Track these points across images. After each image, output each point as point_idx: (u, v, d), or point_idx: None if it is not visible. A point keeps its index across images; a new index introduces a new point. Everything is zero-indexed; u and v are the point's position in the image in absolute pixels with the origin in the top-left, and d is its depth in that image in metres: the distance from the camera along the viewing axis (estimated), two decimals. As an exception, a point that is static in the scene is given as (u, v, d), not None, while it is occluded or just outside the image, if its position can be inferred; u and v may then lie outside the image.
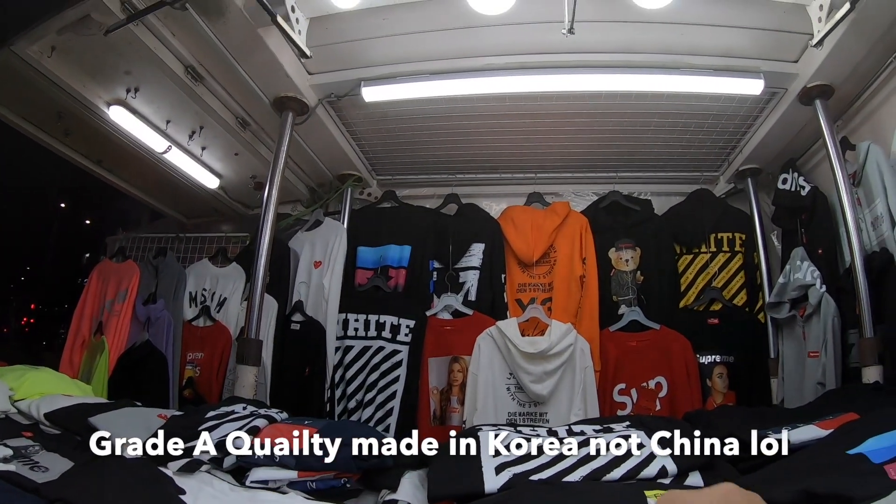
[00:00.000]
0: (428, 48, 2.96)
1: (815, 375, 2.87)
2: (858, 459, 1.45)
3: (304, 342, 3.58)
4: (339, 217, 4.07)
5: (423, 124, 3.53)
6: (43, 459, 1.76)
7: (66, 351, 3.92)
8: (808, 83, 2.84)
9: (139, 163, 3.91)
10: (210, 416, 2.09)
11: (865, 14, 2.34)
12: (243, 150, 3.83)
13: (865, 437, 1.52)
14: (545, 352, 3.17)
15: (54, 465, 1.72)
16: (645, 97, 3.14)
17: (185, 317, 3.91)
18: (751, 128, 3.44)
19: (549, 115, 3.37)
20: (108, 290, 4.01)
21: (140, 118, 3.49)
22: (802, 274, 3.04)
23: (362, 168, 4.06)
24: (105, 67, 3.15)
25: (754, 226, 3.67)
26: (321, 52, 2.88)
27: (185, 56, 2.98)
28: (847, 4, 2.24)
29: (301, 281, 3.82)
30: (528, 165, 4.01)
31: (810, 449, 1.65)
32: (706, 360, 3.42)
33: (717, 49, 2.88)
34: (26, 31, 2.83)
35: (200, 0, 2.53)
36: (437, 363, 3.52)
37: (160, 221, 5.03)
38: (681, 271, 3.75)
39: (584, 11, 2.34)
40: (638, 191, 4.01)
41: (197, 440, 1.89)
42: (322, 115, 3.37)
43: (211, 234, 4.64)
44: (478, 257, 3.76)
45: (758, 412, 2.40)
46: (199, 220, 4.88)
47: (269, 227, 3.05)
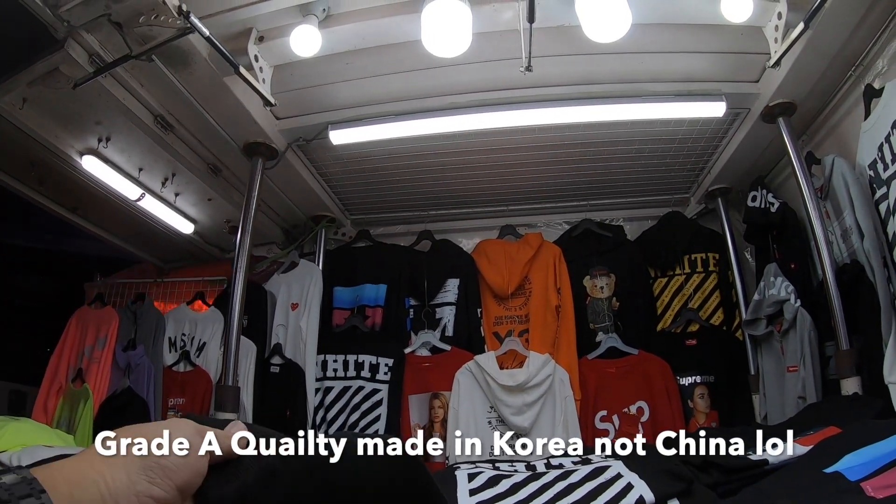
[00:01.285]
0: (392, 89, 2.99)
1: (795, 390, 2.87)
2: (835, 478, 1.44)
3: (284, 385, 3.56)
4: (314, 258, 4.08)
5: (392, 164, 3.56)
6: None
7: (40, 397, 3.86)
8: (769, 102, 2.87)
9: (114, 210, 3.91)
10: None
11: (821, 32, 2.37)
12: (216, 195, 3.85)
13: (843, 454, 1.51)
14: (524, 384, 3.18)
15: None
16: (608, 126, 3.17)
17: (166, 362, 3.88)
18: (717, 148, 3.47)
19: (516, 148, 3.40)
20: (87, 336, 3.99)
21: (112, 167, 3.50)
22: (777, 290, 3.05)
23: (335, 209, 4.08)
24: (76, 118, 3.17)
25: (727, 244, 3.68)
26: (287, 98, 2.92)
27: (153, 106, 3.01)
28: (801, 24, 2.27)
29: (279, 323, 3.81)
30: (499, 198, 4.04)
31: (788, 469, 1.64)
32: (686, 381, 3.43)
33: (677, 75, 2.92)
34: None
35: (166, 52, 2.55)
36: (417, 400, 3.51)
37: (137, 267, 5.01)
38: (656, 294, 3.77)
39: (541, 47, 2.37)
40: (610, 217, 4.04)
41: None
42: (292, 158, 3.39)
43: (188, 278, 4.63)
44: (453, 293, 3.78)
45: (738, 432, 2.39)
46: (176, 265, 4.87)
47: (242, 271, 3.05)
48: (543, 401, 3.21)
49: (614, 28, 2.29)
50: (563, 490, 1.71)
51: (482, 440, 3.23)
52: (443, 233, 4.13)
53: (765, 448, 1.75)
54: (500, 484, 1.79)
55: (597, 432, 3.31)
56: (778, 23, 2.45)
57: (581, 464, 1.93)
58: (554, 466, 1.95)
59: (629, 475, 1.72)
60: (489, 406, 3.28)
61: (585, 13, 2.29)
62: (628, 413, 3.32)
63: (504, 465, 2.05)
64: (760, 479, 1.62)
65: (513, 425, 3.19)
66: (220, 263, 4.66)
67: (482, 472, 1.90)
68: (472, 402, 3.29)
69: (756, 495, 1.52)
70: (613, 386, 3.38)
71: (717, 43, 2.73)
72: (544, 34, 2.38)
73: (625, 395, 3.36)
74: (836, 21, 2.37)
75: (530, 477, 1.82)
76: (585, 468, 1.83)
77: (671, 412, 3.31)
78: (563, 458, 2.12)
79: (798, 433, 1.84)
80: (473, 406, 3.29)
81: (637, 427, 3.30)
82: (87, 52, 2.59)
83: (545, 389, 3.21)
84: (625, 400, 3.35)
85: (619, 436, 3.28)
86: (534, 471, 1.91)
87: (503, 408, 3.19)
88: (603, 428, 3.33)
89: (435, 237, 4.07)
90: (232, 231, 4.26)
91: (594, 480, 1.72)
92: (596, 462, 1.91)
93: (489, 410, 3.28)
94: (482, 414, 3.29)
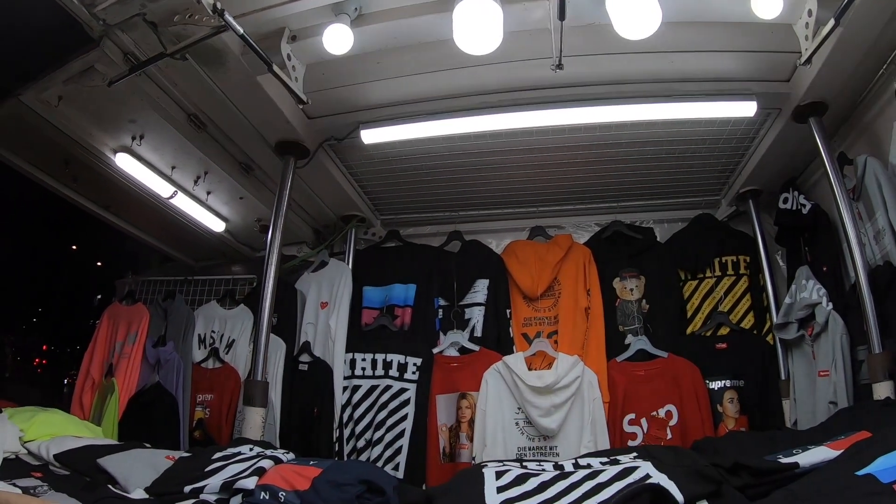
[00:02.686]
0: (423, 89, 3.01)
1: (826, 395, 2.82)
2: (867, 480, 1.42)
3: (313, 382, 3.58)
4: (343, 258, 4.11)
5: (423, 163, 3.58)
6: (51, 499, 1.78)
7: (76, 392, 3.97)
8: (800, 101, 2.83)
9: (146, 208, 3.98)
10: (217, 458, 2.12)
11: (851, 29, 2.33)
12: (248, 193, 3.89)
13: (875, 457, 1.49)
14: (553, 385, 3.16)
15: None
16: (639, 126, 3.17)
17: (195, 359, 3.94)
18: (748, 150, 3.44)
19: (546, 148, 3.40)
20: (119, 332, 4.06)
21: (146, 164, 3.57)
22: (808, 293, 3.01)
23: (365, 208, 4.11)
24: (110, 116, 3.24)
25: (758, 247, 3.63)
26: (319, 97, 2.94)
27: (187, 104, 3.07)
28: (832, 21, 2.22)
29: (308, 322, 3.84)
30: (529, 199, 4.04)
31: (819, 472, 1.62)
32: (716, 385, 3.37)
33: (707, 74, 2.90)
34: (34, 82, 2.92)
35: (200, 50, 2.58)
36: (445, 400, 3.51)
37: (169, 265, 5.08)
38: (686, 297, 3.73)
39: (571, 46, 2.37)
40: (640, 219, 4.03)
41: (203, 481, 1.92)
42: (323, 157, 3.42)
43: (218, 276, 4.68)
44: (482, 293, 3.77)
45: (768, 436, 2.35)
46: (206, 263, 4.93)
47: (273, 269, 3.08)
48: (572, 403, 3.19)
49: (645, 25, 2.26)
50: (592, 489, 1.70)
51: (509, 441, 3.22)
52: (472, 233, 4.14)
53: (795, 451, 1.74)
54: (527, 482, 1.79)
55: (625, 435, 3.27)
56: (808, 20, 2.41)
57: (609, 464, 1.91)
58: (582, 466, 1.94)
59: (658, 476, 1.70)
60: (517, 407, 3.27)
61: (616, 10, 2.27)
62: (657, 416, 3.28)
63: (531, 464, 2.04)
64: (791, 482, 1.60)
65: (540, 427, 3.17)
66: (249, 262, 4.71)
67: (510, 470, 1.90)
68: (500, 402, 3.28)
69: (787, 497, 1.50)
70: (642, 389, 3.34)
71: (746, 41, 2.70)
72: (574, 33, 2.37)
73: (654, 398, 3.32)
74: (867, 17, 2.32)
75: (558, 476, 1.81)
76: (614, 468, 1.82)
77: (700, 416, 3.26)
78: (591, 457, 2.11)
79: (829, 438, 1.82)
80: (501, 407, 3.27)
81: (665, 431, 3.26)
82: (122, 50, 2.63)
83: (574, 391, 3.19)
84: (653, 403, 3.31)
85: (647, 440, 3.24)
86: (561, 470, 1.90)
87: (531, 409, 3.17)
88: (631, 431, 3.29)
89: (464, 238, 4.09)
90: (262, 230, 4.30)
91: (622, 480, 1.71)
92: (625, 462, 1.90)
93: (517, 412, 3.27)
94: (510, 415, 3.27)
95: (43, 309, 14.29)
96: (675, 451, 2.15)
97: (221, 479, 1.91)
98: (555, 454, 3.17)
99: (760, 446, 2.07)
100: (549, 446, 3.21)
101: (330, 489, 1.80)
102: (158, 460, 2.21)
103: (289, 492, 1.81)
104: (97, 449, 2.32)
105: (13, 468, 2.12)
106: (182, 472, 2.04)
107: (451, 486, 1.94)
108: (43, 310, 14.31)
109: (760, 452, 1.84)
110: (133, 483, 2.01)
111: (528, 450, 3.22)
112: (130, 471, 2.10)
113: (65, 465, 2.23)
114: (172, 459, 2.23)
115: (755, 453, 1.82)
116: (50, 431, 2.54)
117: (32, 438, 2.43)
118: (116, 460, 2.18)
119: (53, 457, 2.26)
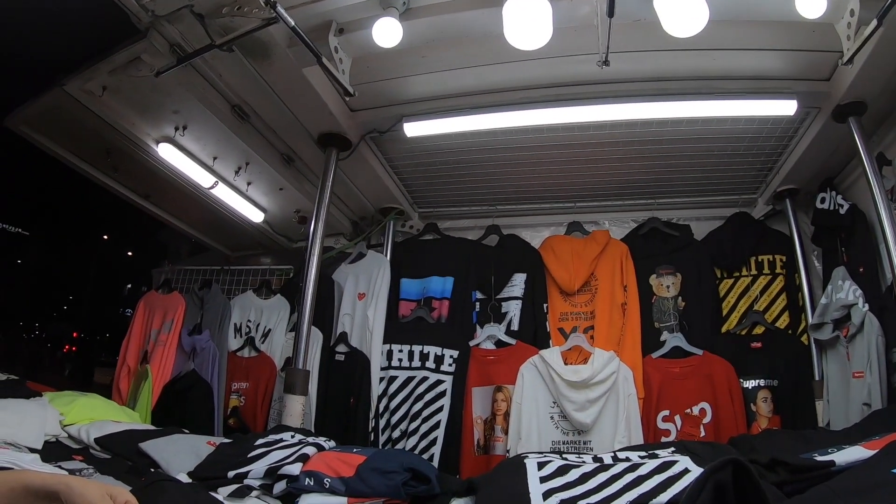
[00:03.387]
0: (466, 83, 3.02)
1: (860, 396, 2.81)
2: None
3: (349, 373, 3.62)
4: (381, 250, 4.14)
5: (463, 157, 3.60)
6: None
7: (115, 380, 4.05)
8: (840, 101, 2.82)
9: (186, 197, 4.03)
10: (259, 444, 2.16)
11: (894, 29, 2.30)
12: (288, 185, 3.93)
13: None
14: (588, 380, 3.17)
15: (109, 488, 1.77)
16: (680, 123, 3.16)
17: (230, 347, 3.99)
18: (786, 148, 3.42)
19: (586, 144, 3.40)
20: (154, 320, 4.13)
21: (188, 155, 3.62)
22: (844, 293, 3.00)
23: (404, 201, 4.15)
24: (154, 106, 3.29)
25: (794, 247, 3.61)
26: (363, 90, 2.96)
27: (231, 95, 3.11)
28: (874, 21, 2.20)
29: (345, 313, 3.88)
30: (567, 195, 4.05)
31: (855, 469, 1.62)
32: (750, 384, 3.37)
33: (749, 72, 2.89)
34: (78, 72, 2.97)
35: (247, 42, 2.62)
36: (480, 393, 3.53)
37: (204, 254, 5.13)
38: (722, 295, 3.72)
39: (617, 42, 2.37)
40: (677, 216, 4.02)
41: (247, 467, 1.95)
42: (364, 150, 3.45)
43: (255, 266, 4.73)
44: (520, 287, 3.79)
45: (803, 435, 2.34)
46: (242, 253, 4.99)
47: (315, 260, 3.11)
48: (606, 398, 3.20)
49: (692, 23, 2.26)
50: (632, 482, 1.72)
51: (544, 435, 3.24)
52: (510, 227, 4.16)
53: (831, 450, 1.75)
54: (569, 473, 1.81)
55: (659, 432, 3.28)
56: (850, 19, 2.39)
57: (648, 458, 1.93)
58: (621, 459, 1.96)
59: (697, 470, 1.73)
60: (552, 401, 3.28)
61: (664, 8, 2.28)
62: (691, 414, 3.28)
63: (571, 456, 2.06)
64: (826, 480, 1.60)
65: (575, 421, 3.18)
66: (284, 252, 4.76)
67: (551, 461, 1.92)
68: (536, 396, 3.29)
69: (825, 494, 1.50)
70: (677, 386, 3.35)
71: (788, 40, 2.69)
72: (619, 29, 2.36)
73: (688, 395, 3.32)
74: (911, 17, 2.31)
75: (598, 468, 1.84)
76: (653, 462, 1.84)
77: (734, 415, 3.26)
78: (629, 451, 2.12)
79: (863, 438, 1.83)
80: (536, 401, 3.29)
81: (699, 429, 3.26)
82: (169, 41, 2.68)
83: (609, 386, 3.20)
84: (688, 401, 3.31)
85: (680, 437, 3.24)
86: (601, 462, 1.92)
87: (566, 403, 3.18)
88: (665, 428, 3.30)
89: (502, 231, 4.11)
90: (301, 221, 4.35)
91: (662, 474, 1.73)
92: (663, 457, 1.92)
93: (552, 405, 3.28)
94: (545, 409, 3.28)
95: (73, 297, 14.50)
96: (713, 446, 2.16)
97: (266, 465, 1.94)
98: (588, 449, 3.17)
99: (796, 445, 2.07)
100: (582, 441, 3.21)
101: (376, 476, 1.84)
102: (200, 446, 2.26)
103: (333, 478, 1.84)
104: (138, 434, 2.37)
105: (55, 451, 2.17)
106: (225, 458, 2.08)
107: (494, 475, 1.96)
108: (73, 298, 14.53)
109: (796, 451, 1.85)
110: (175, 468, 2.06)
111: (561, 444, 3.23)
112: (173, 455, 2.15)
113: (105, 449, 2.28)
114: (214, 445, 2.28)
115: (790, 451, 1.82)
116: (90, 416, 2.60)
117: (73, 422, 2.50)
118: (158, 445, 2.23)
119: (94, 440, 2.31)
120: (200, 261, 4.98)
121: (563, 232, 4.04)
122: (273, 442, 2.18)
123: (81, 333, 13.98)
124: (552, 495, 1.69)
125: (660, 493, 1.65)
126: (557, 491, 1.71)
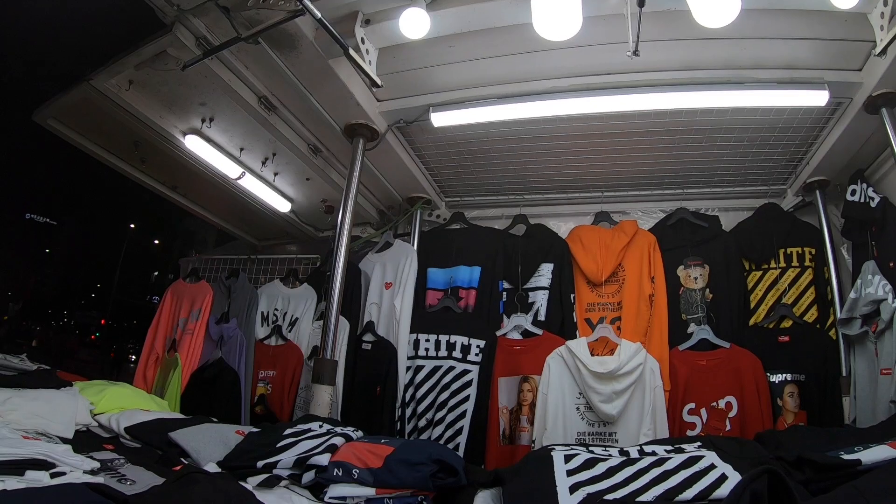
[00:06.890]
0: (494, 73, 3.02)
1: (888, 394, 2.76)
2: None
3: (376, 362, 3.64)
4: (408, 239, 4.16)
5: (490, 147, 3.59)
6: (129, 472, 1.84)
7: (139, 367, 4.13)
8: (873, 91, 2.77)
9: (213, 188, 4.09)
10: (288, 434, 2.17)
11: None
12: (314, 175, 3.96)
13: None
14: (615, 371, 3.16)
15: (141, 477, 1.80)
16: (710, 113, 3.14)
17: (257, 336, 4.03)
18: (817, 139, 3.38)
19: (614, 134, 3.39)
20: (182, 309, 4.20)
21: (215, 146, 3.67)
22: (874, 288, 2.95)
23: (431, 191, 4.16)
24: (181, 99, 3.34)
25: (824, 240, 3.55)
26: (390, 80, 2.98)
27: (258, 87, 3.13)
28: None
29: (372, 302, 3.89)
30: (594, 185, 4.03)
31: (882, 469, 1.61)
32: (777, 378, 3.33)
33: (780, 62, 2.86)
34: (105, 66, 3.04)
35: (273, 34, 2.64)
36: (506, 383, 3.52)
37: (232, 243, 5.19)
38: (750, 288, 3.68)
39: (646, 31, 2.35)
40: (705, 207, 3.98)
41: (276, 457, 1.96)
42: (391, 140, 3.47)
43: (281, 255, 4.77)
44: (547, 277, 3.77)
45: (830, 432, 2.32)
46: (269, 243, 5.04)
47: (343, 250, 3.11)
48: (633, 390, 3.18)
49: (724, 13, 2.25)
50: (659, 476, 1.72)
51: (569, 426, 3.23)
52: (537, 217, 4.15)
53: (857, 448, 1.73)
54: (596, 466, 1.82)
55: (684, 425, 3.25)
56: (884, 9, 2.37)
57: (674, 452, 1.93)
58: (647, 453, 1.96)
59: (723, 466, 1.73)
60: (578, 392, 3.26)
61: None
62: (717, 407, 3.25)
63: (597, 449, 2.06)
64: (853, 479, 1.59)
65: (601, 413, 3.16)
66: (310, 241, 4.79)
67: (578, 454, 1.93)
68: (562, 387, 3.28)
69: (851, 493, 1.49)
70: (703, 379, 3.31)
71: (820, 29, 2.66)
72: (649, 18, 2.35)
73: (714, 388, 3.29)
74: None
75: (625, 462, 1.84)
76: (679, 456, 1.84)
77: (760, 409, 3.22)
78: (655, 445, 2.12)
79: (890, 437, 1.82)
80: (563, 392, 3.27)
81: (725, 422, 3.23)
82: (195, 35, 2.71)
83: (635, 378, 3.17)
84: (714, 394, 3.28)
85: (706, 430, 3.22)
86: (627, 456, 1.92)
87: (592, 395, 3.17)
88: (690, 421, 3.27)
89: (530, 221, 4.09)
90: (328, 210, 4.38)
91: (689, 469, 1.73)
92: (689, 451, 1.91)
93: (578, 396, 3.26)
94: (571, 400, 3.27)
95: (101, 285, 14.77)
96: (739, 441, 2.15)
97: (294, 455, 1.95)
98: (614, 440, 3.16)
99: (821, 442, 2.06)
100: (608, 432, 3.20)
101: (404, 468, 1.84)
102: (229, 435, 2.28)
103: (362, 469, 1.85)
104: (167, 423, 2.40)
105: (85, 441, 2.20)
106: (254, 448, 2.10)
107: (521, 467, 1.96)
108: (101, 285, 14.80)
109: (821, 448, 1.84)
110: (204, 457, 2.08)
111: (587, 435, 3.21)
112: (202, 445, 2.17)
113: (135, 438, 2.31)
114: (242, 434, 2.29)
115: (816, 449, 1.81)
116: (120, 405, 2.65)
117: (103, 411, 2.54)
118: (188, 434, 2.25)
119: (124, 429, 2.35)
120: (228, 250, 5.05)
121: (591, 222, 4.02)
122: (301, 432, 2.19)
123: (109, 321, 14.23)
124: (579, 489, 1.69)
125: (686, 489, 1.65)
126: (584, 484, 1.72)
